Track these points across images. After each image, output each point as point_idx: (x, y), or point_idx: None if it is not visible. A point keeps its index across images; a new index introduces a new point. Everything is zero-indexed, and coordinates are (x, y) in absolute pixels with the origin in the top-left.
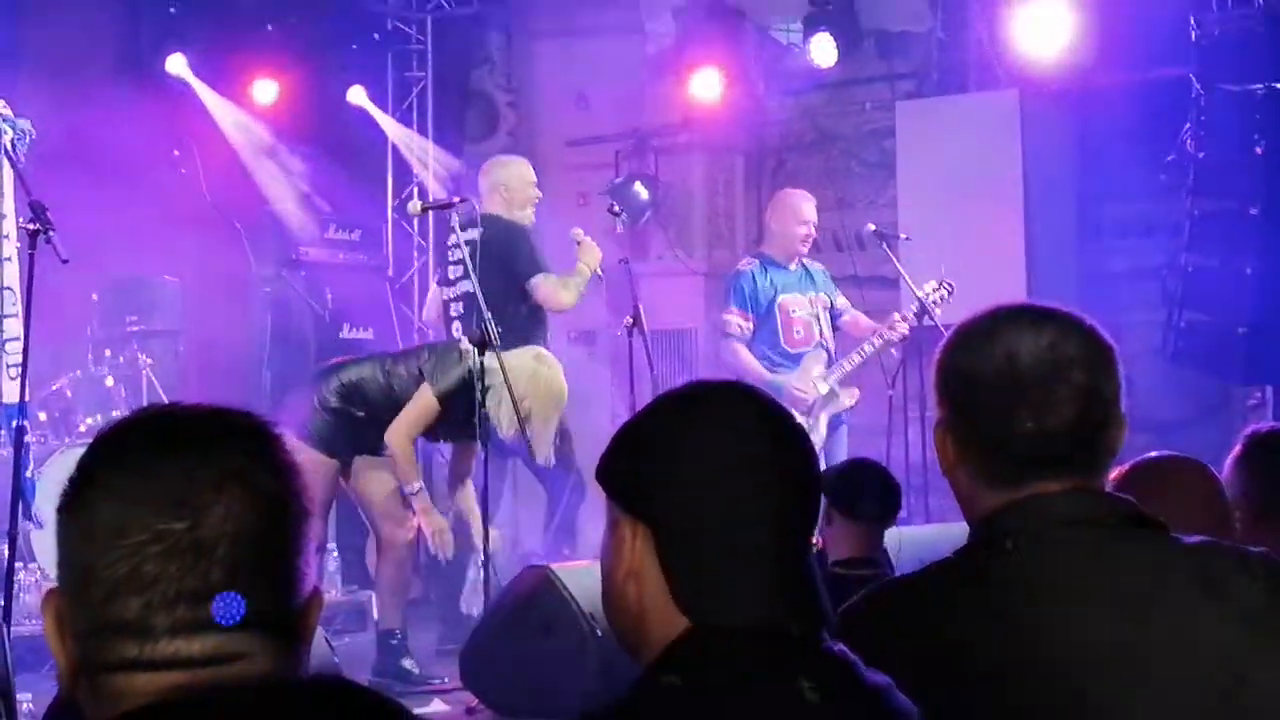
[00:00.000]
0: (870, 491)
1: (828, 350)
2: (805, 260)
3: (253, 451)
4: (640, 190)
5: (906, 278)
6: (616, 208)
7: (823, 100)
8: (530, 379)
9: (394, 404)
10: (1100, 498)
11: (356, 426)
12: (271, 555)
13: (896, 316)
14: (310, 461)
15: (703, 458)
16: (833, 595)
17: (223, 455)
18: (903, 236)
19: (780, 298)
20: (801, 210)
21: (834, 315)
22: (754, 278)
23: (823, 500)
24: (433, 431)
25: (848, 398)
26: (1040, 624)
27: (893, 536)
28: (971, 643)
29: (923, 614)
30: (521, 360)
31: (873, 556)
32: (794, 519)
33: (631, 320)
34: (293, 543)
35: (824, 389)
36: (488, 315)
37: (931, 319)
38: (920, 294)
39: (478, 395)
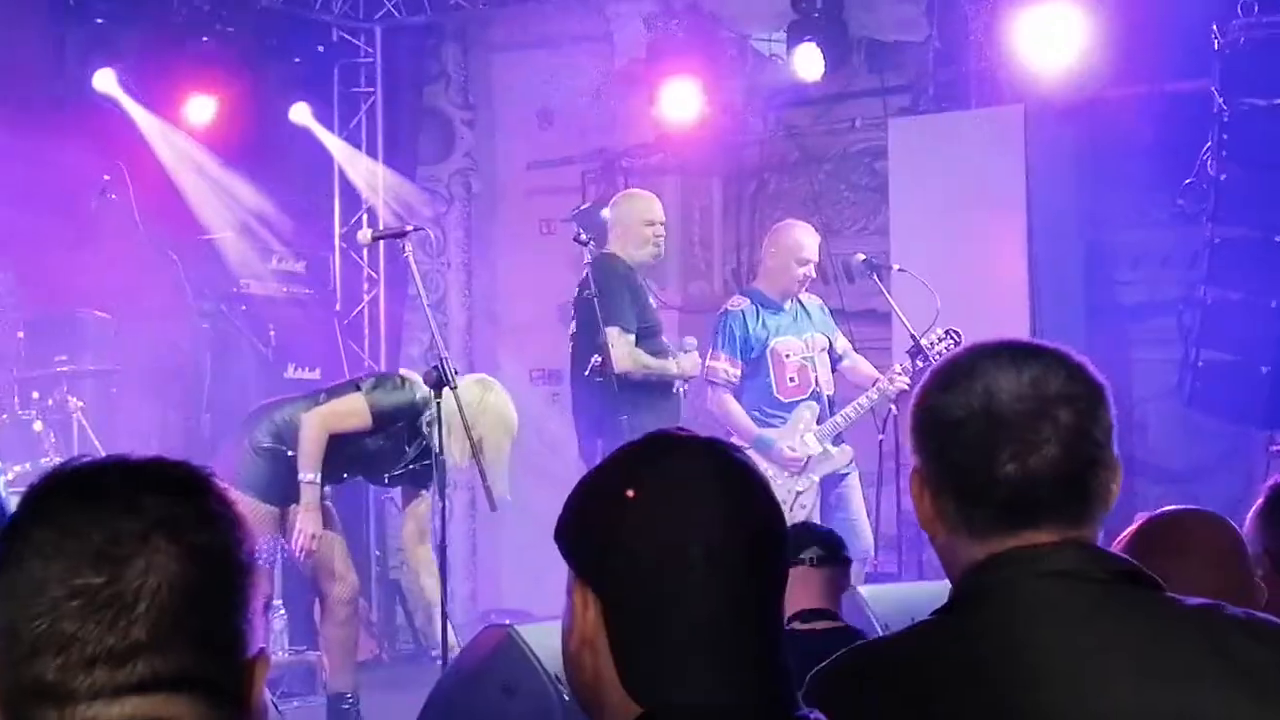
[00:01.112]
0: (814, 533)
1: (823, 400)
2: (801, 295)
3: (183, 501)
4: (609, 216)
5: (899, 312)
6: (583, 235)
7: (808, 117)
8: (477, 406)
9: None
10: (1091, 551)
11: (292, 470)
12: (205, 612)
13: (897, 369)
14: (252, 511)
15: (651, 524)
16: (792, 653)
17: (149, 506)
18: (895, 267)
19: (773, 342)
20: (804, 247)
21: (833, 358)
22: (744, 320)
23: None
24: (381, 472)
25: (841, 457)
26: (1025, 688)
27: (878, 595)
28: (954, 710)
29: (900, 679)
30: (465, 388)
31: (830, 608)
32: (755, 587)
33: (600, 360)
34: (230, 599)
35: (815, 448)
36: (444, 353)
37: (929, 361)
38: (924, 341)
39: (436, 441)
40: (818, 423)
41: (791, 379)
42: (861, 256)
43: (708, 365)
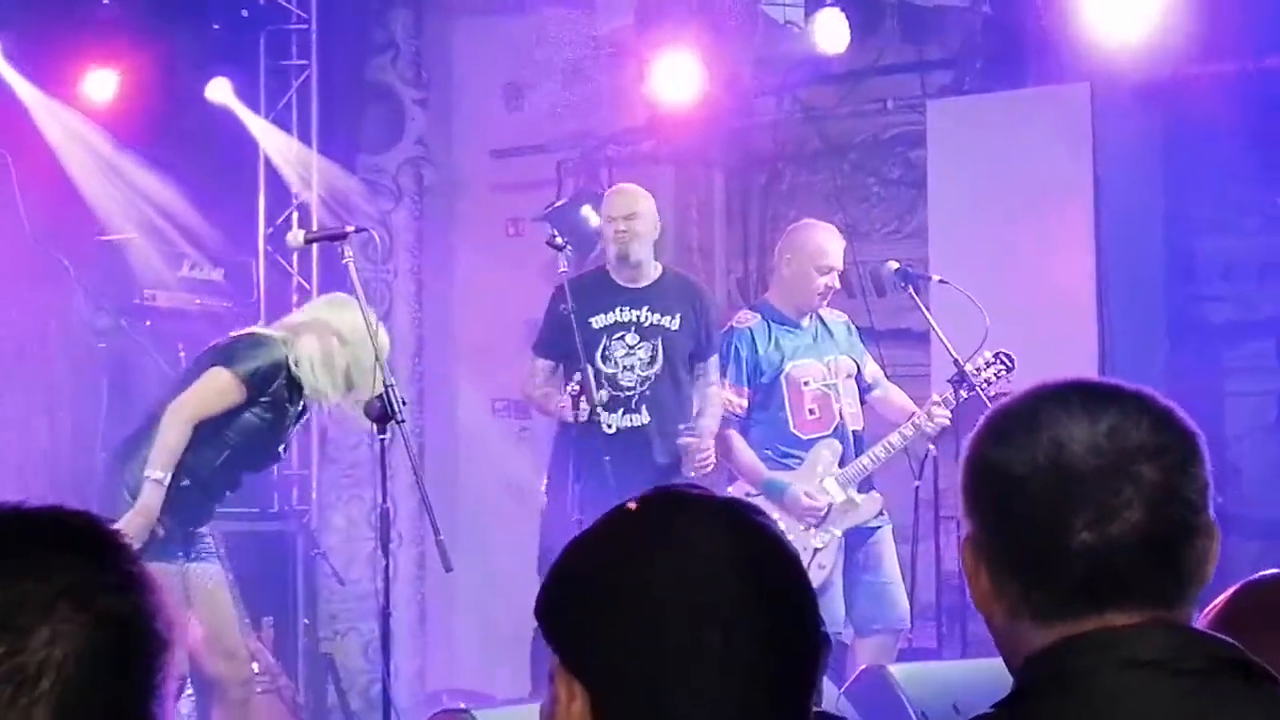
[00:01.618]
0: None
1: (848, 437)
2: (821, 311)
3: (91, 562)
4: (589, 215)
5: (939, 332)
6: (559, 238)
7: (830, 97)
8: (329, 328)
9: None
10: (1187, 635)
11: (189, 504)
12: (114, 691)
13: (936, 399)
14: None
15: (656, 605)
16: None
17: (54, 566)
18: (935, 278)
19: (789, 366)
20: (826, 252)
21: (861, 388)
22: (754, 339)
23: None
24: (276, 446)
25: (870, 506)
26: None
27: (914, 675)
28: None
29: None
30: (313, 311)
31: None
32: (778, 683)
33: (578, 387)
34: (143, 676)
35: (837, 495)
36: (390, 379)
37: (975, 390)
38: (969, 367)
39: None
40: (840, 465)
41: (811, 411)
42: (894, 265)
43: None
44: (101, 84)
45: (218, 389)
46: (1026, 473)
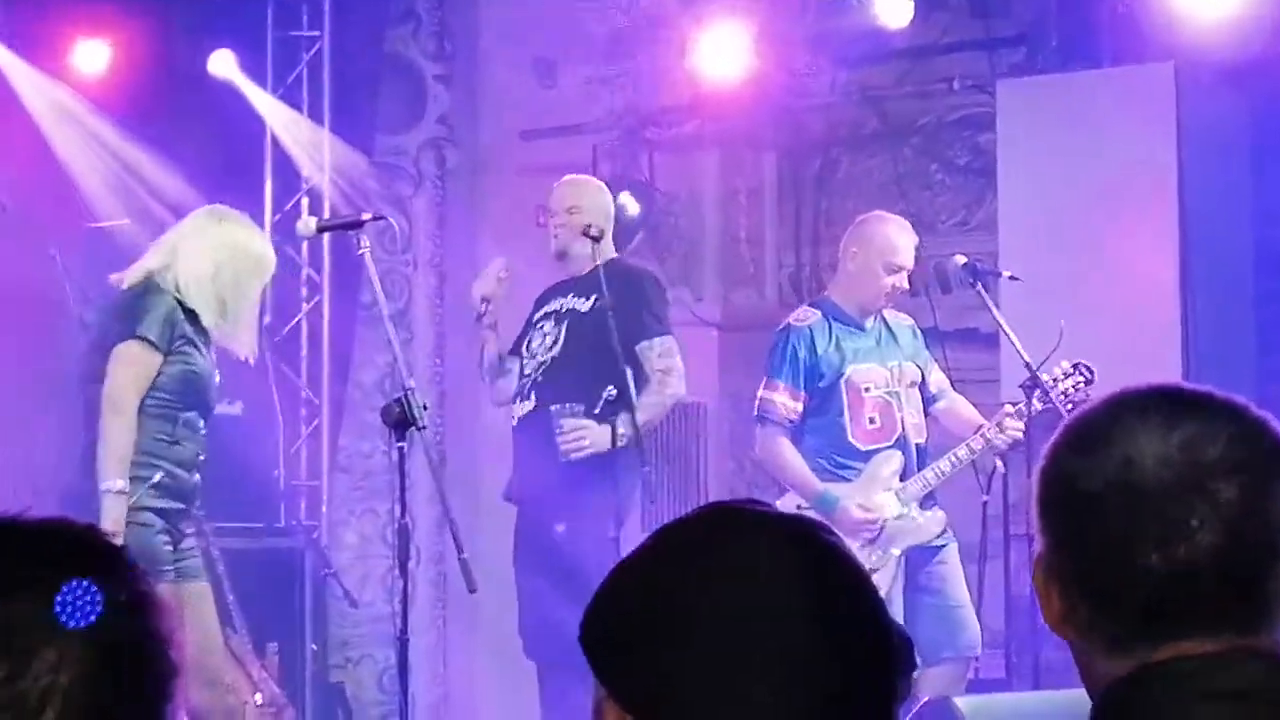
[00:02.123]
0: None
1: (910, 450)
2: (886, 312)
3: (98, 580)
4: (628, 203)
5: (1010, 334)
6: (593, 228)
7: (891, 76)
8: (209, 242)
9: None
10: (1270, 664)
11: (171, 490)
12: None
13: (1007, 409)
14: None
15: (715, 632)
16: None
17: (55, 587)
18: (1005, 274)
19: (849, 369)
20: (896, 249)
21: (925, 398)
22: (813, 338)
23: None
24: (202, 397)
25: (932, 524)
26: None
27: (981, 708)
28: None
29: None
30: (190, 224)
31: None
32: (851, 715)
33: (615, 391)
34: (151, 706)
35: (893, 510)
36: (409, 382)
37: (1050, 402)
38: (1045, 376)
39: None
40: (901, 479)
41: (872, 420)
42: (961, 259)
43: (760, 397)
44: (92, 55)
45: (135, 366)
46: (1096, 488)
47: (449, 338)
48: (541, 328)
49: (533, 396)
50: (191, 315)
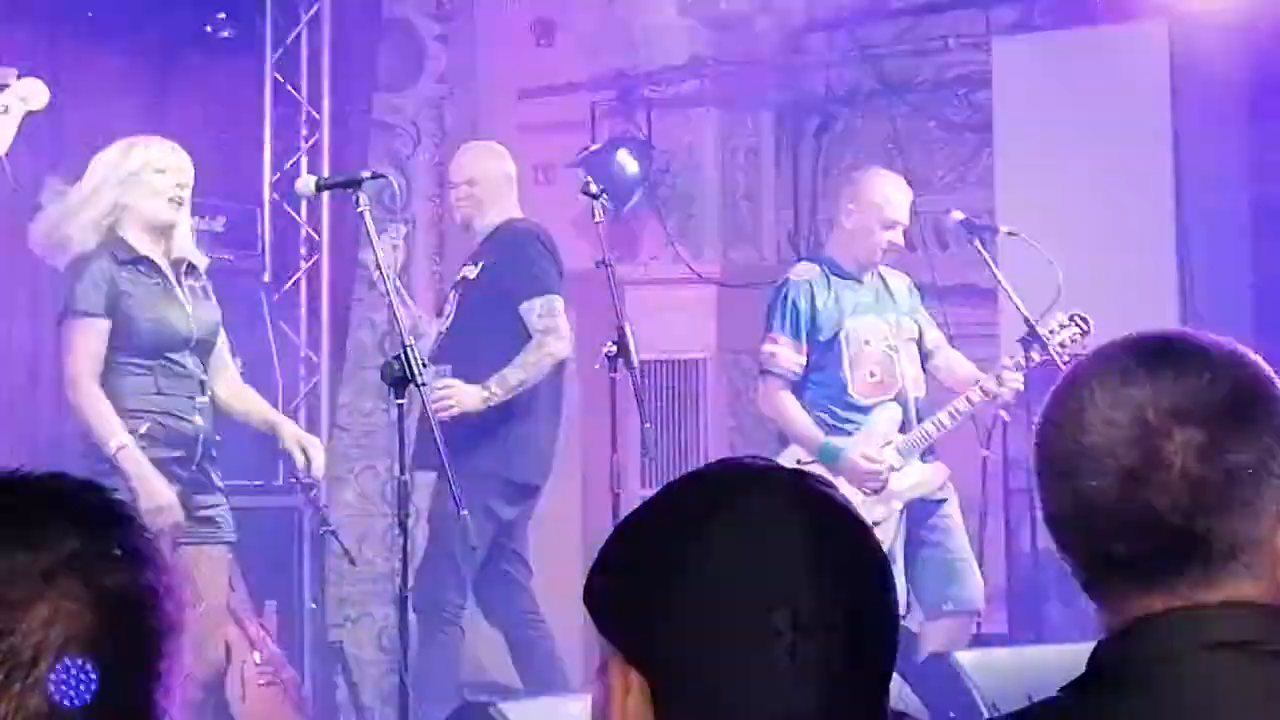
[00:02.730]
0: None
1: (908, 404)
2: (882, 269)
3: (96, 533)
4: (626, 161)
5: (1008, 289)
6: (593, 186)
7: (887, 33)
8: (114, 173)
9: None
10: (1273, 615)
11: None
12: (117, 678)
13: (1006, 362)
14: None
15: (721, 585)
16: None
17: (54, 537)
18: (1002, 230)
19: (849, 323)
20: (891, 203)
21: (921, 354)
22: (812, 292)
23: None
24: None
25: (934, 477)
26: None
27: (984, 663)
28: None
29: None
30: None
31: None
32: (855, 674)
33: (615, 347)
34: (148, 663)
35: (894, 462)
36: (409, 339)
37: (1049, 355)
38: (1042, 330)
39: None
40: (900, 432)
41: (871, 373)
42: (958, 215)
43: (763, 350)
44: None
45: (78, 341)
46: (1056, 444)
47: (449, 296)
48: (449, 299)
49: (431, 367)
50: (134, 262)
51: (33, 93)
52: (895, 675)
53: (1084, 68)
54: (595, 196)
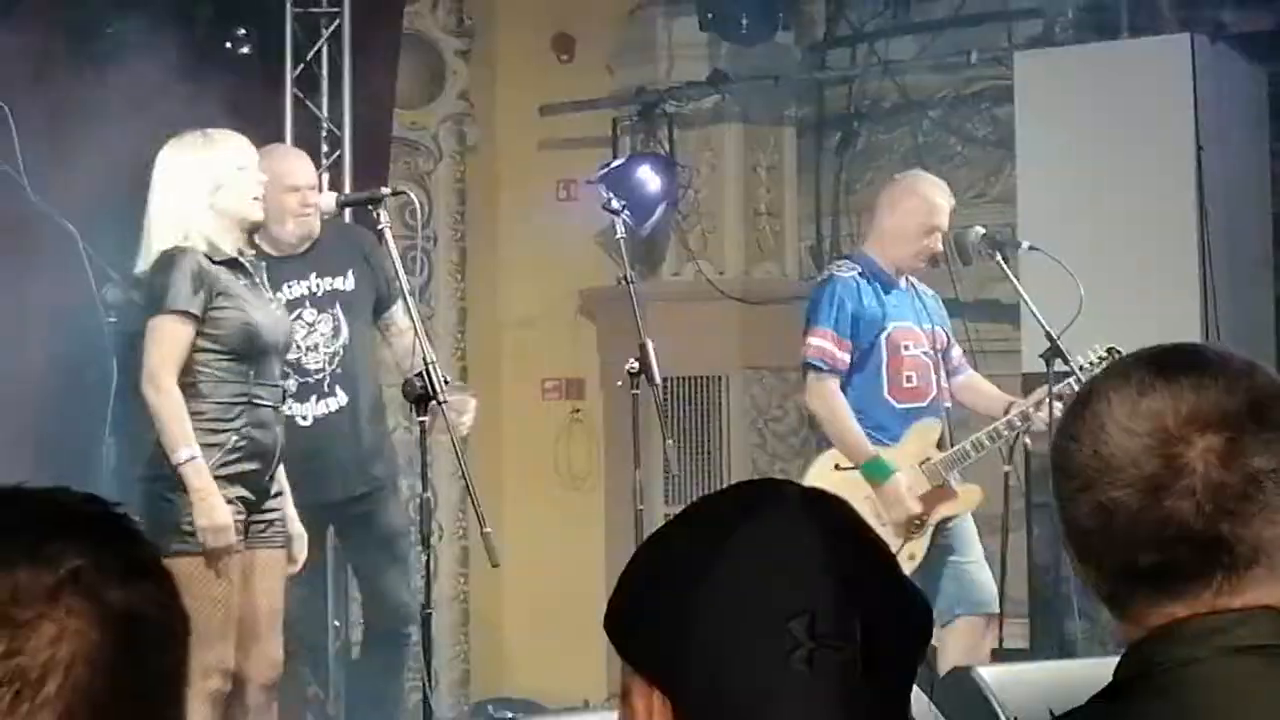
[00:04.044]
0: None
1: (942, 412)
2: (913, 280)
3: (102, 549)
4: (648, 177)
5: (1030, 305)
6: (614, 202)
7: (910, 48)
8: None
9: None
10: None
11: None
12: (128, 696)
13: (1040, 393)
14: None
15: (740, 604)
16: None
17: (59, 554)
18: (1024, 245)
19: (891, 326)
20: (935, 208)
21: (947, 369)
22: (857, 290)
23: None
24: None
25: (968, 497)
26: None
27: (1005, 677)
28: None
29: None
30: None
31: None
32: (873, 692)
33: (636, 364)
34: (158, 678)
35: (929, 483)
36: (430, 356)
37: (1068, 366)
38: (1080, 359)
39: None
40: (939, 448)
41: (909, 378)
42: (980, 230)
43: (808, 344)
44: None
45: (166, 340)
46: (1075, 455)
47: (470, 314)
48: (300, 317)
49: (338, 391)
50: (226, 264)
51: None
52: (920, 691)
53: (1106, 82)
54: (617, 213)
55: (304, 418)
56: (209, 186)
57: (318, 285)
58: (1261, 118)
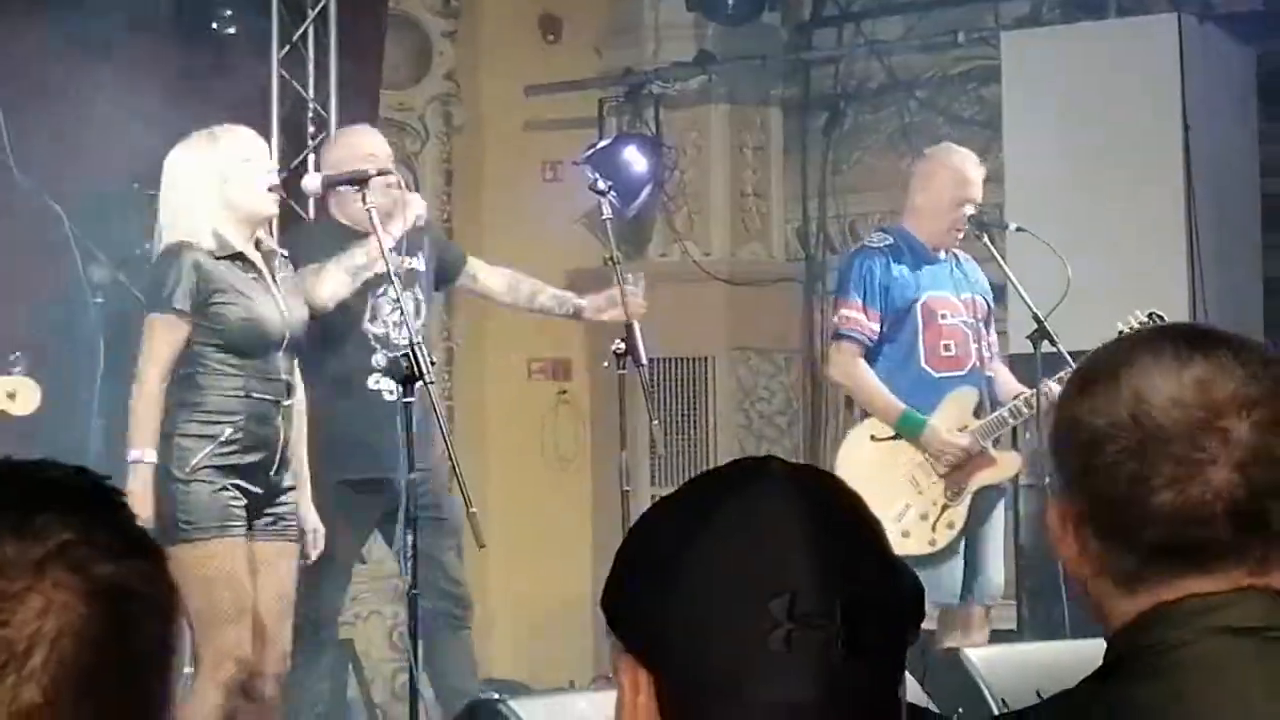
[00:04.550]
0: None
1: (983, 382)
2: (957, 251)
3: (89, 522)
4: (634, 158)
5: (1017, 285)
6: (601, 183)
7: (896, 28)
8: None
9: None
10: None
11: (246, 440)
12: (116, 670)
13: (1048, 386)
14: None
15: (720, 580)
16: None
17: (45, 526)
18: (1011, 226)
19: (925, 295)
20: (966, 180)
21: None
22: (888, 261)
23: None
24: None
25: (1010, 464)
26: None
27: (994, 659)
28: None
29: None
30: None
31: None
32: (859, 668)
33: (623, 345)
34: (144, 654)
35: (972, 445)
36: (416, 337)
37: (1056, 347)
38: (1122, 325)
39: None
40: (976, 416)
41: (946, 347)
42: (968, 210)
43: (839, 315)
44: None
45: (157, 337)
46: (1107, 426)
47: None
48: (385, 293)
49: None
50: (230, 258)
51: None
52: (910, 675)
53: (1093, 62)
54: (603, 193)
55: (390, 393)
56: (216, 180)
57: (398, 263)
58: (1249, 98)
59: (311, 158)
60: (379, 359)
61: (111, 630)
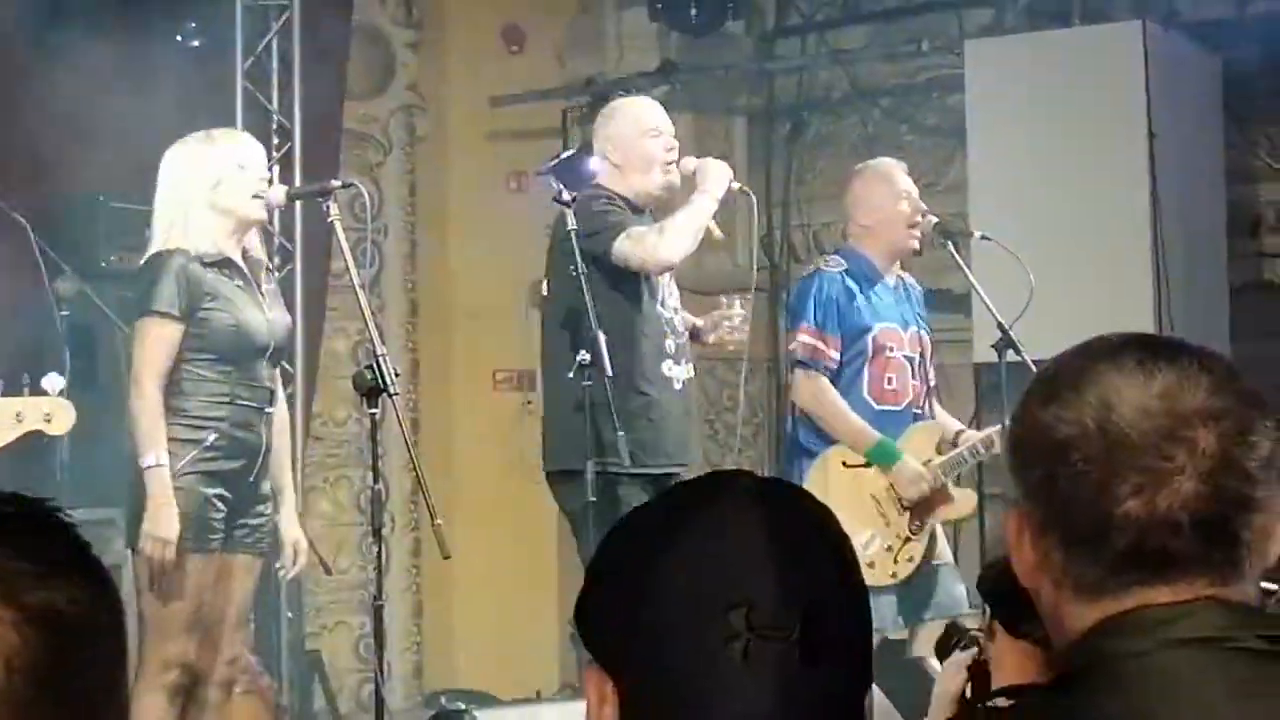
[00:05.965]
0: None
1: (922, 418)
2: (900, 272)
3: (26, 548)
4: (599, 168)
5: (981, 294)
6: (565, 194)
7: (859, 37)
8: None
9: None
10: (1242, 612)
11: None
12: (59, 700)
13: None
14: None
15: (681, 593)
16: None
17: None
18: (976, 234)
19: (877, 328)
20: (903, 187)
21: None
22: (844, 285)
23: None
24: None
25: (966, 503)
26: None
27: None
28: None
29: None
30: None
31: None
32: (817, 681)
33: (589, 356)
34: (88, 675)
35: (935, 482)
36: (381, 349)
37: (1020, 356)
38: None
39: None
40: (938, 451)
41: (889, 380)
42: (933, 220)
43: (798, 341)
44: None
45: (149, 341)
46: (1072, 435)
47: (421, 305)
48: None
49: (683, 360)
50: (218, 264)
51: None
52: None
53: (1058, 70)
54: (567, 204)
55: (678, 381)
56: (209, 183)
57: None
58: (1214, 105)
59: (276, 170)
60: (670, 344)
61: (47, 656)
